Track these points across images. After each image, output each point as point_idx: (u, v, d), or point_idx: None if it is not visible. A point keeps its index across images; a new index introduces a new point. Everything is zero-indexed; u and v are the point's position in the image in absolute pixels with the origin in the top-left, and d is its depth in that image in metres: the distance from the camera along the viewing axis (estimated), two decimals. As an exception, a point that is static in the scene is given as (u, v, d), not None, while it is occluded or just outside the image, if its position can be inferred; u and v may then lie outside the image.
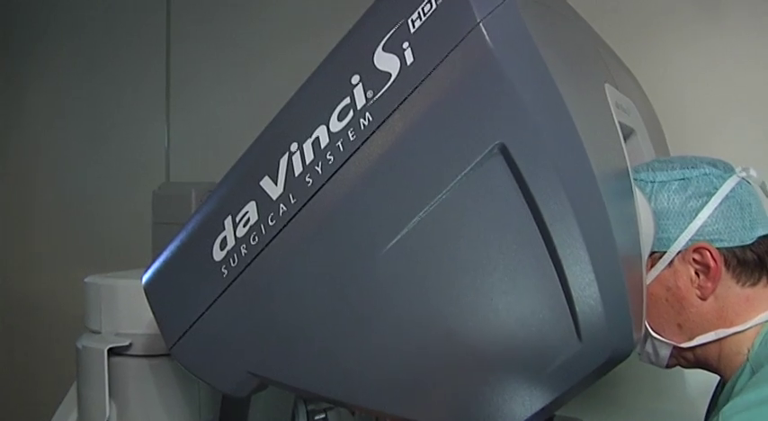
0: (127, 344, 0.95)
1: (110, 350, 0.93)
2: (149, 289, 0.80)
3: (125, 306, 0.96)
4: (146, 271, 0.81)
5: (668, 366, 0.90)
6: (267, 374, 0.72)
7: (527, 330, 0.62)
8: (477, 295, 0.63)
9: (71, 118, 2.19)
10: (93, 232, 2.13)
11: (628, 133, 0.92)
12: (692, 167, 0.83)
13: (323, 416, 1.35)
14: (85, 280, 1.00)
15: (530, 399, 0.62)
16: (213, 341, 0.74)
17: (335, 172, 0.66)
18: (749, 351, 0.80)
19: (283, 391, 1.20)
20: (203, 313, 0.74)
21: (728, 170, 0.84)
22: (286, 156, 0.68)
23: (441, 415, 0.65)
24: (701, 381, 1.39)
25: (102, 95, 2.12)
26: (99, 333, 0.98)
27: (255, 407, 1.17)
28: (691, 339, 0.84)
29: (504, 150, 0.61)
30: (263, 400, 1.18)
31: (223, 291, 0.72)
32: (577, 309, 0.61)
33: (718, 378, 0.87)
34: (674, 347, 0.86)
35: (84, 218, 2.16)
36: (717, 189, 0.82)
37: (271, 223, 0.68)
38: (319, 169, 0.67)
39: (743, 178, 0.83)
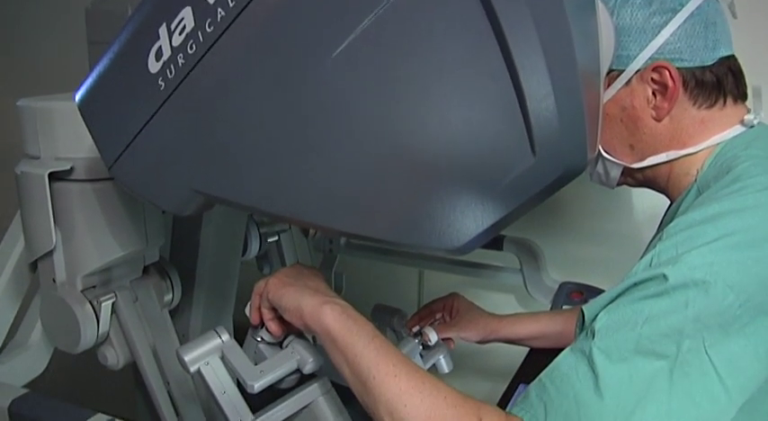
0: (68, 168, 0.91)
1: (51, 175, 0.90)
2: (83, 106, 0.75)
3: (63, 129, 0.92)
4: (78, 88, 0.75)
5: (617, 185, 0.91)
6: (212, 191, 0.69)
7: (480, 143, 0.60)
8: (429, 105, 0.59)
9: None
10: (26, 56, 2.01)
11: (593, -58, 0.86)
12: (658, -19, 0.79)
13: (276, 238, 1.37)
14: (18, 103, 0.94)
15: (481, 215, 0.62)
16: (154, 158, 0.71)
17: (276, -30, 0.60)
18: (698, 172, 0.81)
19: (235, 214, 1.21)
20: (142, 129, 0.69)
21: (696, -14, 0.80)
22: (223, -46, 0.62)
23: (392, 230, 0.64)
24: (648, 206, 1.43)
25: None
26: (38, 158, 0.94)
27: (207, 232, 1.17)
28: (642, 160, 0.85)
29: (460, -53, 0.56)
30: (216, 225, 1.17)
31: (161, 105, 0.67)
32: (532, 121, 0.58)
33: (667, 203, 0.88)
34: (625, 167, 0.86)
35: (17, 41, 2.03)
36: (682, 5, 0.78)
37: (208, 29, 0.63)
38: (258, -32, 0.60)
39: (711, -5, 0.80)
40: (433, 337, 1.08)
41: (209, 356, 0.82)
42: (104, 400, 1.35)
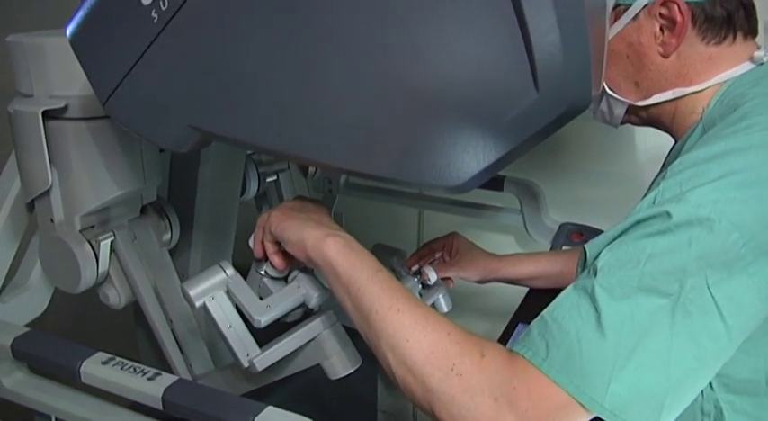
0: (62, 106, 0.89)
1: (45, 113, 0.88)
2: (75, 41, 0.73)
3: (55, 66, 0.89)
4: (69, 22, 0.73)
5: (620, 123, 0.89)
6: (209, 128, 0.68)
7: (482, 78, 0.58)
8: (431, 38, 0.58)
9: None
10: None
11: None
12: None
13: (274, 178, 1.36)
14: (8, 39, 0.92)
15: (482, 152, 0.60)
16: (148, 93, 0.69)
17: None
18: (704, 110, 0.79)
19: (233, 153, 1.20)
20: (135, 63, 0.68)
21: None
22: None
23: (391, 167, 0.63)
24: (651, 146, 1.42)
25: None
26: (31, 96, 0.92)
27: (205, 171, 1.16)
28: (647, 98, 0.83)
29: None
30: (214, 165, 1.16)
31: (155, 38, 0.65)
32: (536, 56, 0.56)
33: (671, 143, 0.87)
34: (629, 105, 0.85)
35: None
36: (692, -64, 0.76)
37: (202, -41, 0.61)
38: None
39: None
40: (432, 276, 1.08)
41: (214, 291, 0.82)
42: (106, 340, 1.36)
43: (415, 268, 1.12)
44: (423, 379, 0.64)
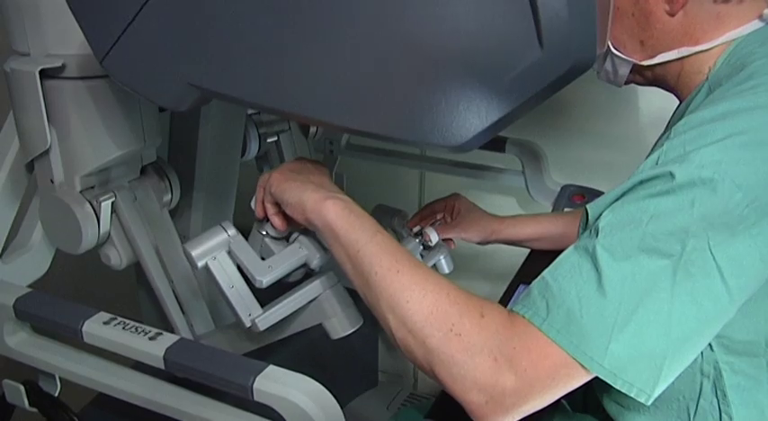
0: (59, 65, 0.88)
1: (42, 73, 0.87)
2: (71, -3, 0.72)
3: (51, 23, 0.88)
4: (65, -23, 0.72)
5: (625, 83, 0.88)
6: (209, 85, 0.67)
7: (486, 34, 0.57)
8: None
9: None
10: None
11: None
12: None
13: (275, 139, 1.35)
14: (1, -5, 0.91)
15: (485, 111, 0.59)
16: (146, 49, 0.68)
17: None
18: (710, 70, 0.78)
19: (233, 113, 1.19)
20: (133, 18, 0.66)
21: None
22: None
23: (393, 126, 0.62)
24: (656, 108, 1.41)
25: None
26: (27, 55, 0.91)
27: (205, 132, 1.15)
28: (652, 57, 0.82)
29: None
30: (214, 125, 1.15)
31: (153, -6, 0.65)
32: (540, 12, 0.55)
33: (674, 105, 0.86)
34: (634, 65, 0.84)
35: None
36: None
37: None
38: None
39: None
40: (433, 237, 1.08)
41: (216, 251, 0.82)
42: (108, 301, 1.37)
43: (416, 229, 1.12)
44: (423, 339, 0.64)
